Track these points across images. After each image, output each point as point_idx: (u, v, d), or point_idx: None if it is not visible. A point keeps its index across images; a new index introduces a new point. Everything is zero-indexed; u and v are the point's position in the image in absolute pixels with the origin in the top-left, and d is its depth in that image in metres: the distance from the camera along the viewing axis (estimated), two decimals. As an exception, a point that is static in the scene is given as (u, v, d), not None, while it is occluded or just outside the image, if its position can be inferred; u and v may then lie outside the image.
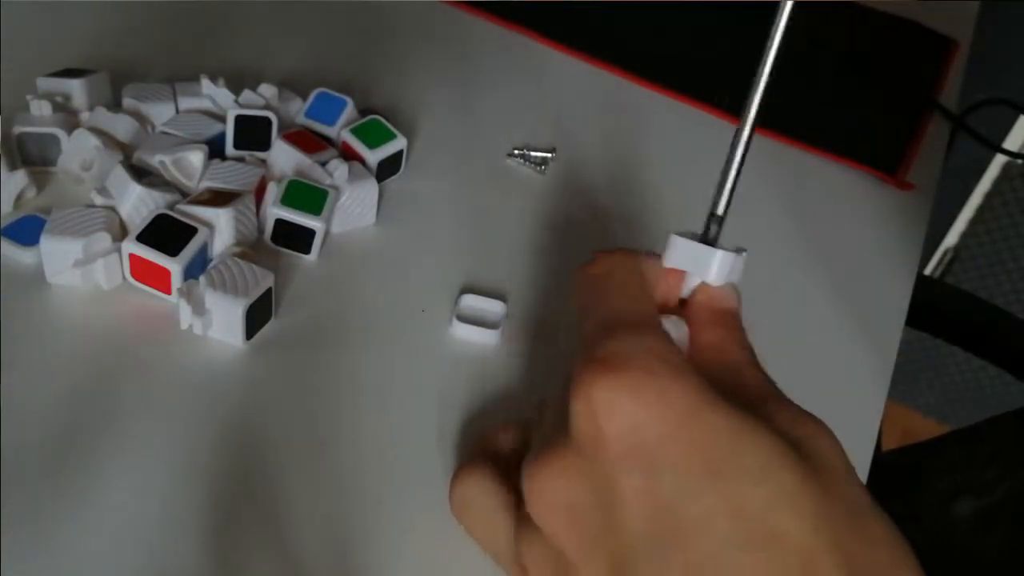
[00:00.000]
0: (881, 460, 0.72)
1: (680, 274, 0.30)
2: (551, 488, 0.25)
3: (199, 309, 0.38)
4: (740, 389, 0.26)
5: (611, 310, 0.27)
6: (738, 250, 0.30)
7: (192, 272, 0.39)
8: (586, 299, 0.28)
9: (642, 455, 0.23)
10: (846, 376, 0.45)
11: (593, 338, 0.25)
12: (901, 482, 0.74)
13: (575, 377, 0.24)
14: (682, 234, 0.30)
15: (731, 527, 0.22)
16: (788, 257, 0.51)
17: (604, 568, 0.24)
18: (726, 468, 0.22)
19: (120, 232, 0.41)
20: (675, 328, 0.29)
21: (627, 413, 0.23)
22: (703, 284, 0.30)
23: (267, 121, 0.46)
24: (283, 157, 0.46)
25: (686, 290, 0.30)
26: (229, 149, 0.47)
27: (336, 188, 0.44)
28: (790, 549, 0.21)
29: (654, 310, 0.28)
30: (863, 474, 0.40)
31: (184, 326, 0.38)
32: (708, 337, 0.28)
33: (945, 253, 1.39)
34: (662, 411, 0.23)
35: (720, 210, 0.30)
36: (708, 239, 0.29)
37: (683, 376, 0.24)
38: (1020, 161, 1.23)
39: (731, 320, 0.29)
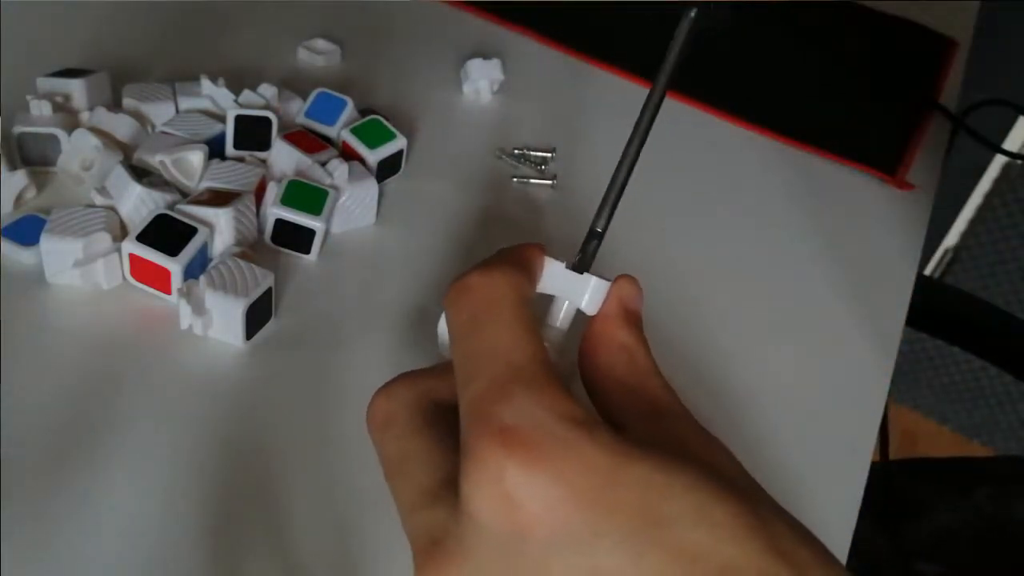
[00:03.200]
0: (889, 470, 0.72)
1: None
2: None
3: (199, 309, 0.38)
4: (645, 397, 0.26)
5: (498, 362, 0.24)
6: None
7: (192, 272, 0.39)
8: (465, 343, 0.25)
9: (573, 531, 0.21)
10: (846, 376, 0.45)
11: (485, 405, 0.23)
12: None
13: (472, 457, 0.22)
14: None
15: (684, 574, 0.21)
16: (788, 257, 0.51)
17: None
18: (660, 519, 0.21)
19: (120, 232, 0.41)
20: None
21: (546, 491, 0.21)
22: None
23: (267, 121, 0.46)
24: (283, 157, 0.46)
25: (559, 318, 0.29)
26: (229, 149, 0.47)
27: (336, 188, 0.44)
28: (745, 574, 0.21)
29: (543, 349, 0.25)
30: (862, 475, 0.40)
31: (184, 326, 0.38)
32: (618, 336, 0.27)
33: (945, 253, 1.39)
34: (583, 479, 0.21)
35: (600, 227, 0.29)
36: (588, 255, 0.28)
37: (594, 434, 0.22)
38: (1020, 161, 1.23)
39: (637, 321, 0.28)
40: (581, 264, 0.28)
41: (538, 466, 0.21)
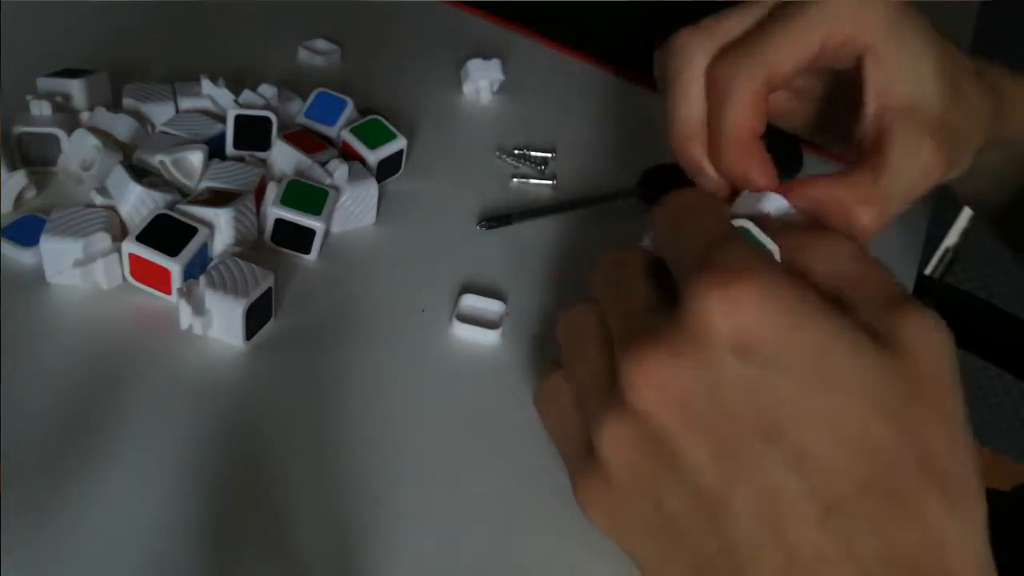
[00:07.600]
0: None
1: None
2: (659, 371, 0.26)
3: (199, 309, 0.38)
4: (862, 280, 0.28)
5: (705, 232, 0.29)
6: None
7: (192, 272, 0.39)
8: (673, 232, 0.30)
9: (756, 349, 0.25)
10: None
11: (699, 251, 0.27)
12: None
13: (692, 283, 0.26)
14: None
15: (830, 428, 0.25)
16: (788, 257, 0.51)
17: (706, 451, 0.26)
18: (830, 376, 0.25)
19: (120, 232, 0.41)
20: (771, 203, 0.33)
21: (748, 313, 0.25)
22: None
23: (267, 121, 0.46)
24: (283, 157, 0.46)
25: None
26: (229, 149, 0.47)
27: (336, 188, 0.44)
28: (879, 450, 0.24)
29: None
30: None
31: (184, 326, 0.38)
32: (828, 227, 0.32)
33: (945, 253, 1.39)
34: (779, 314, 0.25)
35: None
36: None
37: (797, 285, 0.26)
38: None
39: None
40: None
41: (745, 293, 0.25)
